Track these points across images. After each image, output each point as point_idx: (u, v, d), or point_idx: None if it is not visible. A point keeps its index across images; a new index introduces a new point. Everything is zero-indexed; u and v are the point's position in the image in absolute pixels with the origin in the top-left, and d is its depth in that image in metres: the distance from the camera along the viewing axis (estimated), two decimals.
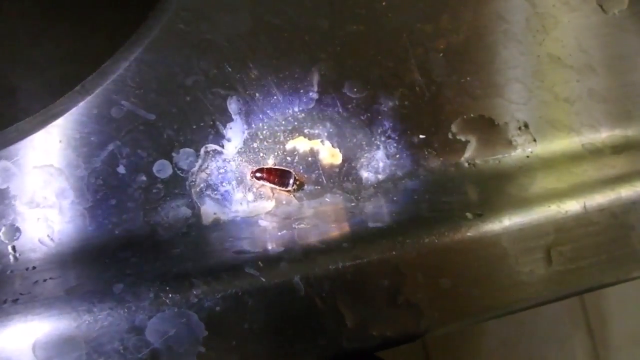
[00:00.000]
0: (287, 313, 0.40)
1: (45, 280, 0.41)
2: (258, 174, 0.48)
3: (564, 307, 1.42)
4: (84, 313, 0.37)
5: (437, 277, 0.43)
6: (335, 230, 0.45)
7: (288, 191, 0.48)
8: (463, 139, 0.52)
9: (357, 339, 0.41)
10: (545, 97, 0.54)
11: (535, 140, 0.54)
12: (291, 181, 0.48)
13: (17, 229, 0.45)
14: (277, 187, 0.47)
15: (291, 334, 0.40)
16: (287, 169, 0.48)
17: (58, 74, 0.86)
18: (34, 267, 0.43)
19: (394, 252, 0.42)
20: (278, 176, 0.48)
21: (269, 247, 0.43)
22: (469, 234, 0.43)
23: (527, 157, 0.53)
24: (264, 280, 0.40)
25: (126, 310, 0.38)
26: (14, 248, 0.44)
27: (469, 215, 0.44)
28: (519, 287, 0.44)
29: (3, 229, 0.44)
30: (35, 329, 0.37)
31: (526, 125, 0.54)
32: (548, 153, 0.54)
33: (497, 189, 0.49)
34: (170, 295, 0.38)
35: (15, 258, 0.44)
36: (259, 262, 0.41)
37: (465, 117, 0.53)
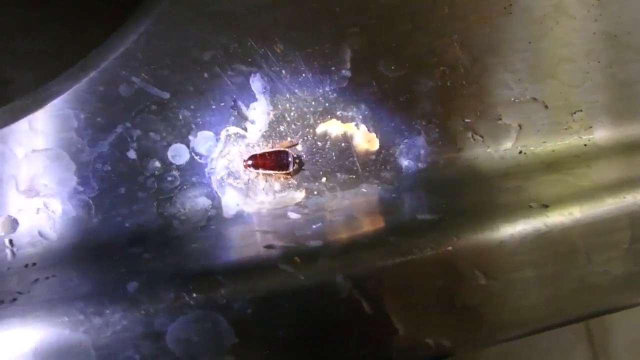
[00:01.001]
0: (327, 318, 0.35)
1: (47, 278, 0.35)
2: (251, 162, 0.42)
3: None
4: (93, 316, 0.32)
5: (497, 277, 0.37)
6: (377, 223, 0.39)
7: (288, 174, 0.42)
8: (513, 124, 0.47)
9: (410, 348, 0.35)
10: (601, 79, 0.49)
11: (591, 127, 0.48)
12: (290, 160, 0.42)
13: (15, 221, 0.39)
14: (276, 172, 0.41)
15: (333, 343, 0.35)
16: (281, 149, 0.42)
17: (52, 67, 0.81)
18: (33, 264, 0.38)
19: (449, 248, 0.36)
20: (274, 160, 0.42)
21: (304, 242, 0.37)
22: (533, 227, 0.38)
23: (585, 145, 0.47)
24: (302, 278, 0.34)
25: (142, 312, 0.32)
26: (11, 242, 0.38)
27: (532, 205, 0.39)
28: (591, 290, 0.38)
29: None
30: (36, 334, 0.31)
31: (581, 110, 0.48)
32: (606, 140, 0.48)
33: (556, 179, 0.43)
34: (193, 295, 0.32)
35: (13, 253, 0.38)
36: (296, 258, 0.35)
37: (514, 99, 0.47)
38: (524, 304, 0.38)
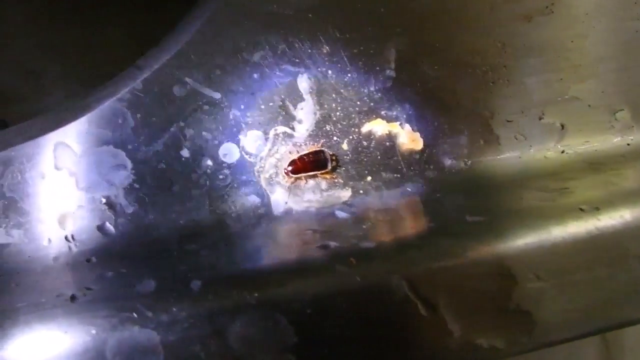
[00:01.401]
0: (383, 318, 0.36)
1: (110, 274, 0.36)
2: (291, 167, 0.43)
3: None
4: (160, 313, 0.33)
5: (550, 279, 0.38)
6: (425, 223, 0.40)
7: (328, 173, 0.43)
8: (555, 123, 0.47)
9: (463, 350, 0.36)
10: None
11: (633, 126, 0.48)
12: (327, 157, 0.43)
13: (75, 216, 0.40)
14: (317, 172, 0.42)
15: (388, 343, 0.36)
16: (317, 148, 0.43)
17: (83, 59, 0.82)
18: (94, 259, 0.39)
19: (501, 250, 0.37)
20: (312, 160, 0.43)
21: (356, 242, 0.38)
22: (585, 230, 0.38)
23: (628, 144, 0.48)
24: (358, 279, 0.35)
25: (207, 310, 0.33)
26: (73, 237, 0.40)
27: (584, 207, 0.39)
28: None
29: (59, 215, 0.40)
30: (107, 328, 0.33)
31: (623, 109, 0.48)
32: None
33: (602, 180, 0.44)
34: (254, 294, 0.34)
35: (74, 247, 0.40)
36: (351, 259, 0.36)
37: (556, 99, 0.47)
38: (576, 307, 0.38)
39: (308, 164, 0.43)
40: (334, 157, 0.44)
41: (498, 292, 0.37)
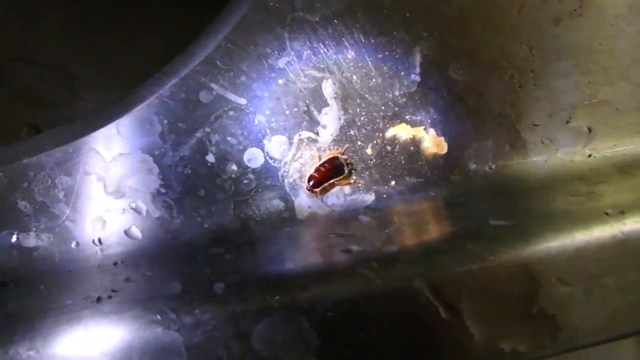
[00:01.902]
0: (406, 322, 0.36)
1: (138, 277, 0.37)
2: (312, 183, 0.43)
3: None
4: (184, 315, 0.34)
5: (574, 283, 0.37)
6: (450, 227, 0.40)
7: (345, 178, 0.43)
8: (583, 127, 0.46)
9: (485, 354, 0.36)
10: None
11: None
12: (342, 162, 0.44)
13: (103, 220, 0.41)
14: (336, 180, 0.42)
15: (411, 347, 0.36)
16: (331, 155, 0.43)
17: (117, 65, 0.84)
18: (122, 262, 0.40)
19: (525, 254, 0.37)
20: (330, 168, 0.43)
21: (380, 246, 0.38)
22: (610, 234, 0.38)
23: None
24: (379, 282, 0.35)
25: (230, 313, 0.34)
26: (100, 241, 0.41)
27: (609, 212, 0.39)
28: None
29: (88, 219, 0.41)
30: (132, 329, 0.34)
31: None
32: None
33: (630, 184, 0.43)
34: (277, 297, 0.34)
35: (102, 250, 0.41)
36: (373, 263, 0.36)
37: (584, 102, 0.46)
38: (602, 311, 0.38)
39: (326, 173, 0.43)
40: (348, 161, 0.44)
41: (521, 296, 0.36)
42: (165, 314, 0.34)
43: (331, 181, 0.43)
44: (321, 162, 0.43)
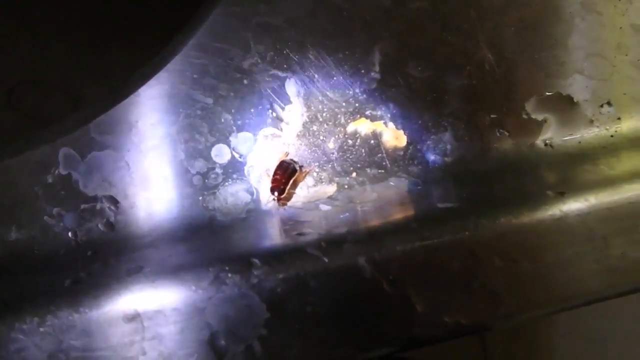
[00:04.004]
0: (352, 296, 0.38)
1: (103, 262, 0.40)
2: (277, 192, 0.45)
3: None
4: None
5: (515, 260, 0.39)
6: (401, 212, 0.42)
7: (301, 173, 0.46)
8: (539, 118, 0.48)
9: (428, 325, 0.38)
10: (630, 72, 0.50)
11: (619, 119, 0.49)
12: (290, 161, 0.46)
13: (80, 216, 0.44)
14: (292, 179, 0.45)
15: (357, 319, 0.38)
16: (280, 161, 0.46)
17: (122, 82, 0.87)
18: (93, 253, 0.43)
19: (467, 233, 0.39)
20: (283, 173, 0.46)
21: (332, 229, 0.40)
22: (550, 213, 0.39)
23: (612, 136, 0.48)
24: (326, 260, 0.37)
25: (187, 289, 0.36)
26: (75, 233, 0.44)
27: (549, 193, 0.40)
28: (609, 272, 0.40)
29: (65, 215, 0.44)
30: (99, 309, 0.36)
31: (609, 103, 0.49)
32: (635, 132, 0.49)
33: (579, 169, 0.45)
34: (229, 275, 0.37)
35: (77, 243, 0.44)
36: (322, 243, 0.38)
37: (540, 95, 0.48)
38: (541, 286, 0.39)
39: (282, 179, 0.45)
40: (293, 160, 0.47)
41: (463, 271, 0.38)
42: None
43: (290, 182, 0.45)
44: (273, 173, 0.46)
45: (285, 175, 0.45)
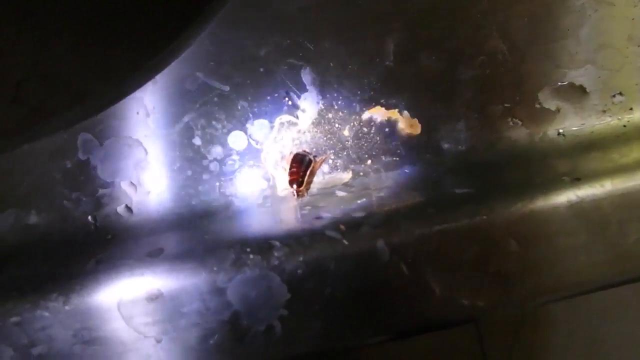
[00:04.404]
0: (370, 279, 0.38)
1: (122, 244, 0.40)
2: (296, 185, 0.46)
3: None
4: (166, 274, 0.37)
5: (530, 245, 0.39)
6: (417, 197, 0.42)
7: (316, 163, 0.46)
8: (552, 108, 0.49)
9: (445, 307, 0.38)
10: None
11: (631, 109, 0.49)
12: (304, 153, 0.47)
13: (98, 200, 0.45)
14: (309, 170, 0.46)
15: (375, 302, 0.38)
16: (295, 154, 0.47)
17: (130, 77, 0.88)
18: (113, 236, 0.43)
19: (483, 217, 0.39)
20: (299, 165, 0.46)
21: (349, 213, 0.40)
22: (565, 198, 0.40)
23: (624, 126, 0.49)
24: (346, 243, 0.38)
25: (209, 270, 0.37)
26: (94, 218, 0.44)
27: (565, 178, 0.41)
28: (624, 258, 0.40)
29: (84, 199, 0.44)
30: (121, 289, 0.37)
31: (621, 93, 0.50)
32: None
33: (591, 157, 0.45)
34: (251, 256, 0.37)
35: (96, 227, 0.44)
36: (340, 226, 0.39)
37: (553, 85, 0.49)
38: (556, 271, 0.40)
39: (299, 171, 0.46)
40: (307, 151, 0.47)
41: (479, 256, 0.39)
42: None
43: (307, 174, 0.46)
44: (289, 167, 0.46)
45: (302, 168, 0.45)
